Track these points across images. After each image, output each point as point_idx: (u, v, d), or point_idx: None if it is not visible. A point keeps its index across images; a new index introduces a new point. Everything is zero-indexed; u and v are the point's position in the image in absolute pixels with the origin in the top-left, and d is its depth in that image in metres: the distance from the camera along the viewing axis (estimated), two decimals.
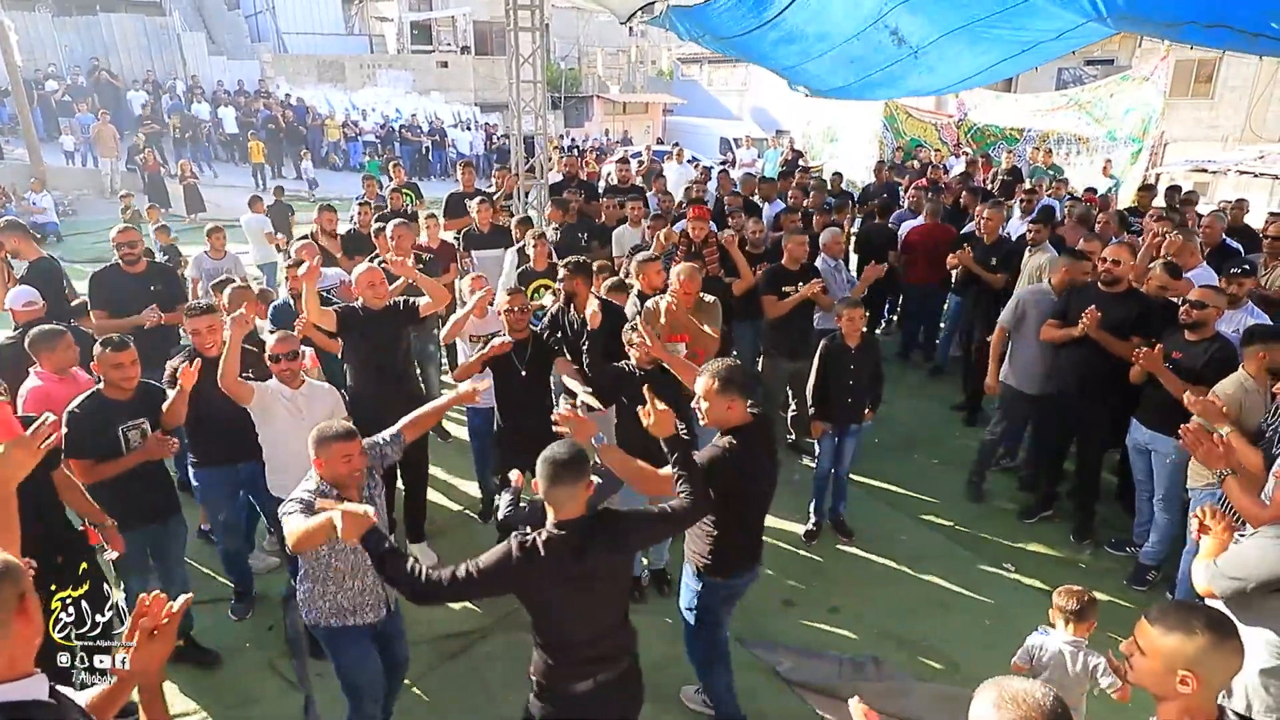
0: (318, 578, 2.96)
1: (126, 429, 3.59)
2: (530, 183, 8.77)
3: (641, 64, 34.23)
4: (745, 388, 2.95)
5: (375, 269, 4.69)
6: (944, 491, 5.63)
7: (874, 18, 5.92)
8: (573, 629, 2.50)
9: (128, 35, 22.31)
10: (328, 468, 2.77)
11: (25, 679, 1.54)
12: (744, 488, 3.00)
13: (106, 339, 3.59)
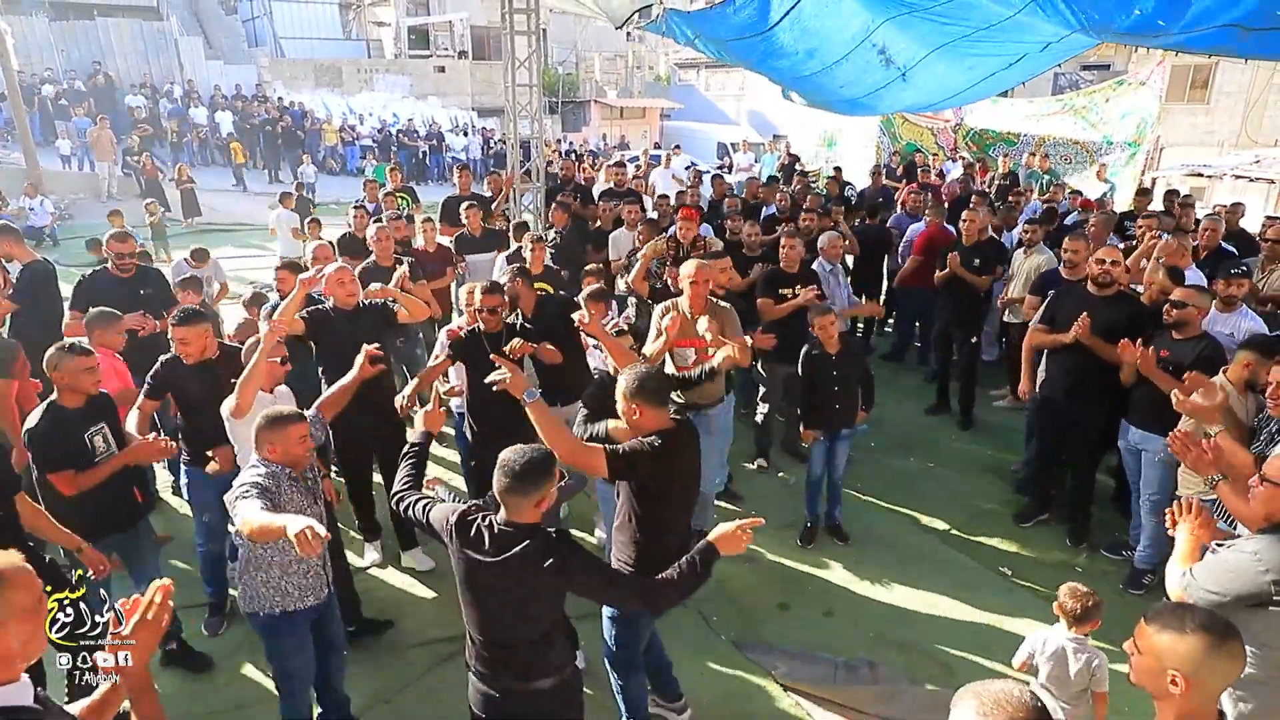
0: (263, 564, 2.99)
1: (91, 434, 3.54)
2: (526, 186, 8.77)
3: (639, 69, 34.32)
4: (658, 396, 2.91)
5: (345, 268, 4.68)
6: (939, 495, 5.62)
7: (862, 36, 5.95)
8: (473, 620, 2.51)
9: (125, 40, 22.30)
10: (283, 450, 2.88)
11: (8, 685, 1.57)
12: (663, 481, 2.94)
13: (71, 345, 3.54)
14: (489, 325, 4.36)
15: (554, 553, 2.37)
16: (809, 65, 6.86)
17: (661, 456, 2.84)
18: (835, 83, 7.17)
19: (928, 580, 4.66)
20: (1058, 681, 2.99)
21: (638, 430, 2.93)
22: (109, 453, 3.58)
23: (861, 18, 5.70)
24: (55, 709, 1.70)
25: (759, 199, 9.10)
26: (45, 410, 3.51)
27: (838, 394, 4.76)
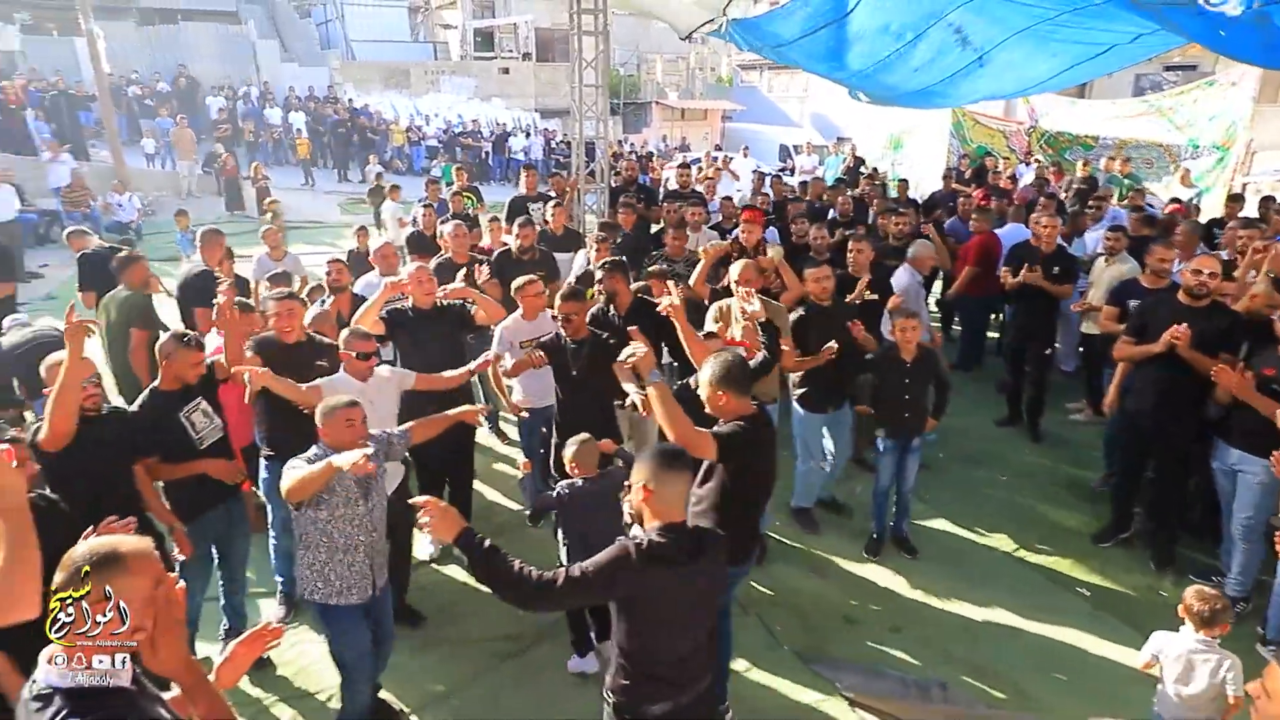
0: (311, 544, 3.08)
1: (188, 412, 3.66)
2: (590, 187, 8.79)
3: (701, 70, 34.17)
4: (741, 384, 3.04)
5: (424, 267, 4.77)
6: (1011, 510, 5.42)
7: (937, 15, 5.74)
8: (667, 642, 2.40)
9: (206, 43, 23.22)
10: (331, 433, 3.01)
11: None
12: (756, 465, 3.10)
13: (186, 338, 3.68)
14: (569, 332, 4.34)
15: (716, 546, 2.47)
16: (883, 43, 6.63)
17: (753, 440, 2.99)
18: (909, 65, 6.92)
19: (1000, 599, 4.48)
20: (1184, 685, 2.87)
21: (723, 416, 3.06)
22: (211, 425, 3.71)
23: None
24: (150, 693, 1.75)
25: (825, 201, 8.95)
26: (146, 395, 3.67)
27: (908, 402, 4.62)
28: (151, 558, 1.68)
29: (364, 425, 3.08)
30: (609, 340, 4.55)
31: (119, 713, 1.56)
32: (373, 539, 3.16)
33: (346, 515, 3.05)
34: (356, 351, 3.82)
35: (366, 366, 3.83)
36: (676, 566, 2.30)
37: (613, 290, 4.72)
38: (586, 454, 3.69)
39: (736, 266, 4.61)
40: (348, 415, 3.01)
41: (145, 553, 1.67)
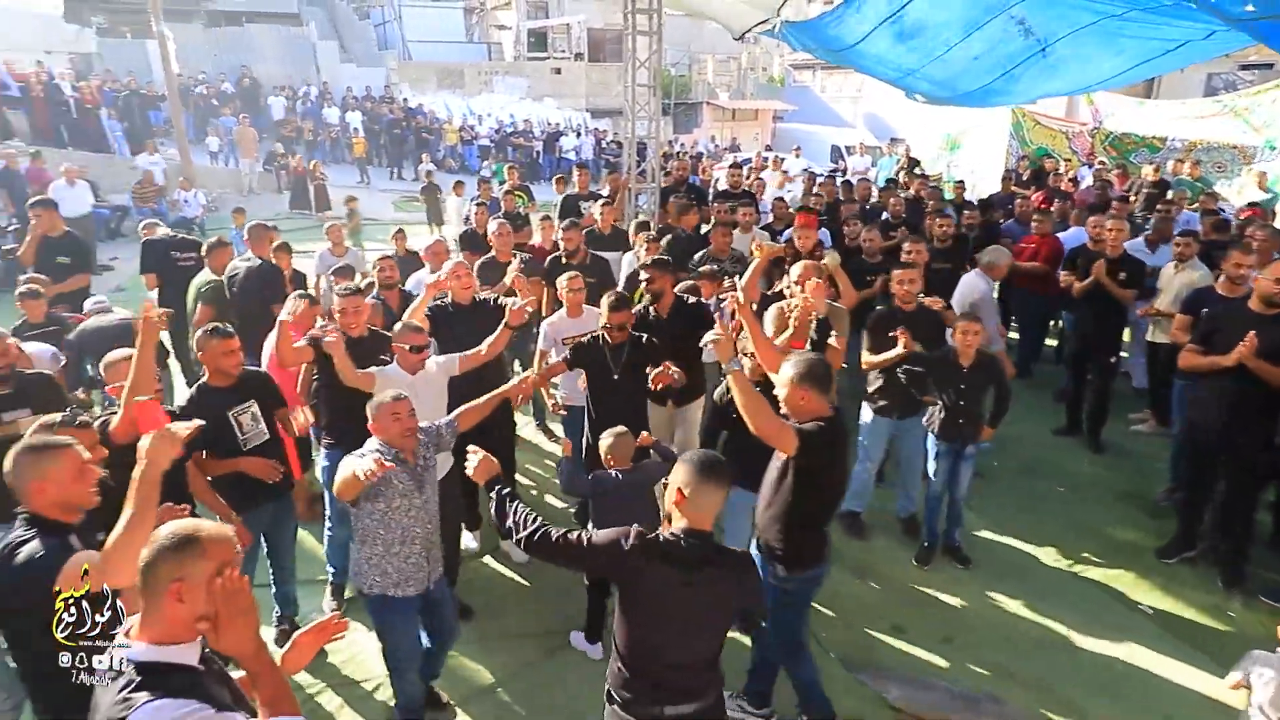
0: (368, 538, 3.13)
1: (236, 413, 3.73)
2: (642, 187, 8.79)
3: (752, 70, 33.94)
4: (822, 383, 3.03)
5: (463, 263, 4.85)
6: (1070, 522, 5.25)
7: (1000, 9, 5.59)
8: (662, 645, 2.38)
9: (269, 44, 23.89)
10: (381, 428, 3.07)
11: (177, 645, 1.68)
12: (832, 467, 3.11)
13: (213, 328, 3.73)
14: (613, 340, 4.36)
15: (736, 566, 2.43)
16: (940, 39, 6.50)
17: (832, 441, 2.99)
18: (968, 54, 6.75)
19: (1057, 613, 4.35)
20: (1276, 706, 2.74)
21: (802, 416, 3.04)
22: (256, 429, 3.78)
23: None
24: (217, 672, 1.81)
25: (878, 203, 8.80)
26: (195, 392, 3.76)
27: (963, 408, 4.51)
28: (227, 544, 1.73)
29: (411, 418, 3.11)
30: (648, 341, 4.56)
31: (182, 691, 1.60)
32: (428, 530, 3.20)
33: (403, 507, 3.10)
34: (409, 345, 3.88)
35: (418, 359, 3.90)
36: (678, 567, 2.30)
37: (659, 290, 4.70)
38: (622, 446, 3.77)
39: (797, 268, 4.54)
40: (394, 409, 3.06)
41: (221, 538, 1.72)
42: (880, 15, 6.14)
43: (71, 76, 17.89)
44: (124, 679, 1.61)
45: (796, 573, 3.18)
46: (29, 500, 2.33)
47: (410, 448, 3.14)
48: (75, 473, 2.33)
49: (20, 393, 3.72)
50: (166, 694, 1.58)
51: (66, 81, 16.82)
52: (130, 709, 1.55)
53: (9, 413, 3.65)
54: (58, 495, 2.32)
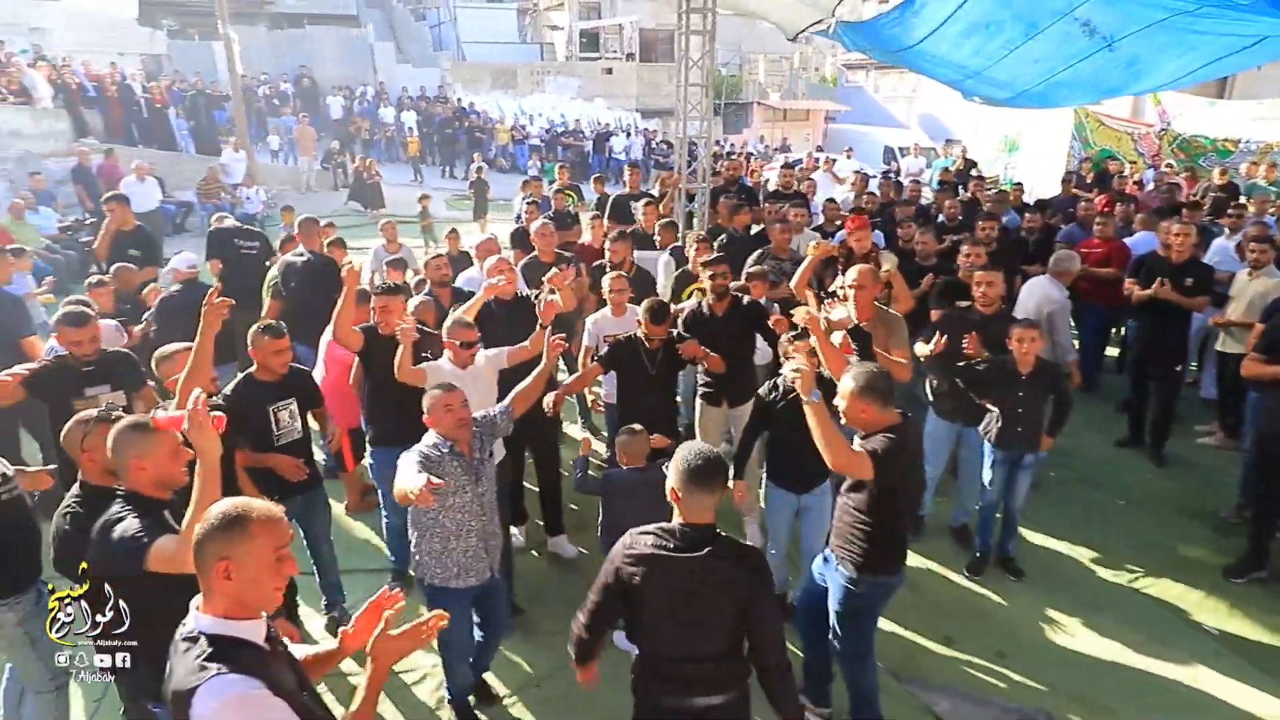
0: (426, 531, 3.18)
1: (276, 409, 3.81)
2: (692, 186, 8.76)
3: (804, 70, 33.61)
4: (884, 395, 2.98)
5: (504, 259, 4.93)
6: (1130, 537, 5.07)
7: (1064, 11, 5.43)
8: (671, 637, 2.40)
9: (328, 46, 24.48)
10: (435, 420, 3.11)
11: (244, 621, 1.73)
12: (907, 475, 3.06)
13: (266, 326, 3.82)
14: (652, 346, 4.37)
15: (747, 555, 2.40)
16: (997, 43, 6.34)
17: (902, 450, 2.94)
18: (1029, 56, 6.57)
19: (1115, 630, 4.20)
20: None
21: (865, 428, 3.02)
22: (292, 426, 3.87)
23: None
24: (283, 652, 1.86)
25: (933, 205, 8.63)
26: (239, 382, 3.85)
27: (1021, 416, 4.39)
28: (277, 525, 1.76)
29: (464, 408, 3.14)
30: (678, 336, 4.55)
31: (251, 668, 1.66)
32: (484, 522, 3.23)
33: (457, 503, 3.13)
34: (459, 340, 3.94)
35: (468, 354, 3.96)
36: (676, 553, 2.32)
37: (724, 289, 4.68)
38: (635, 444, 3.80)
39: (852, 273, 4.47)
40: (446, 401, 3.10)
41: (269, 518, 1.75)
42: (938, 18, 6.01)
43: (142, 77, 18.58)
44: (198, 648, 1.67)
45: (867, 576, 3.12)
46: (128, 477, 2.44)
47: (465, 439, 3.17)
48: (171, 452, 2.45)
49: (102, 369, 3.90)
50: (238, 669, 1.63)
51: (138, 82, 17.46)
52: (204, 677, 1.61)
53: (92, 388, 3.85)
54: (155, 473, 2.44)
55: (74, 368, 3.87)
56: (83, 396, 3.78)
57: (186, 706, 1.61)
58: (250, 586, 1.72)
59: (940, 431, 4.82)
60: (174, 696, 1.66)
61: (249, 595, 1.73)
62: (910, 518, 3.36)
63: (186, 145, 17.06)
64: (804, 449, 3.69)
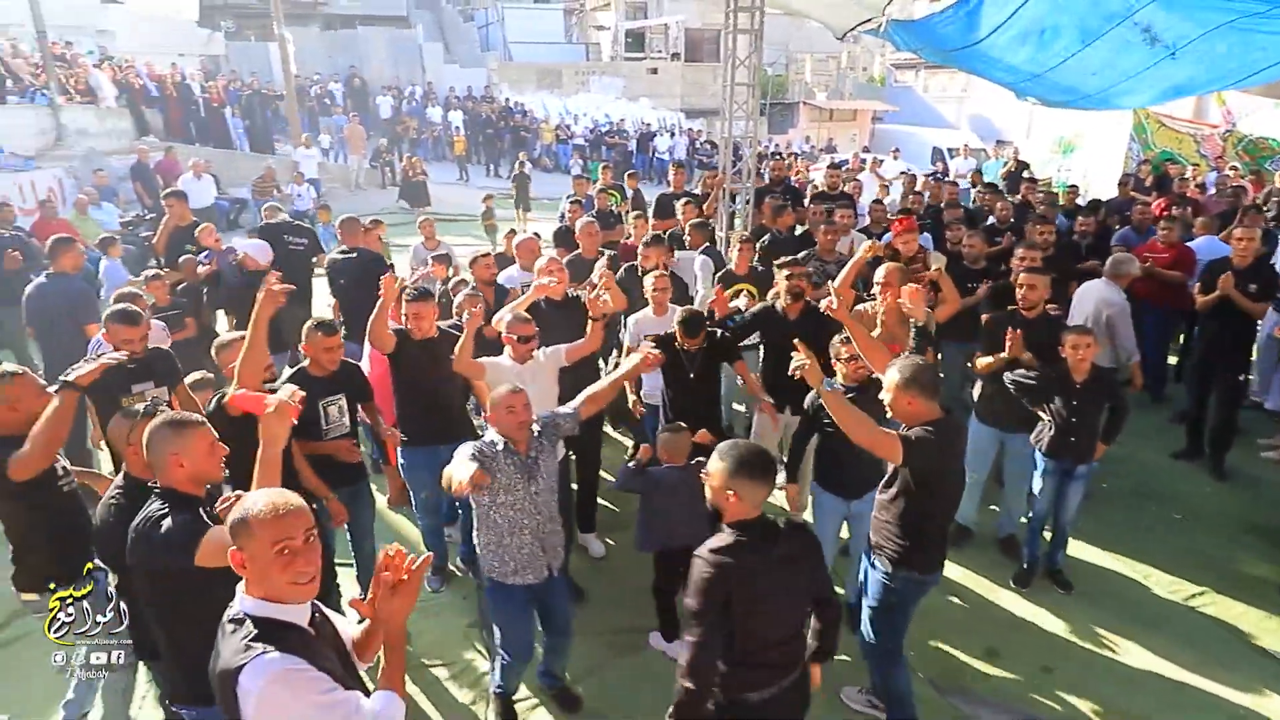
0: (484, 525, 3.22)
1: (326, 403, 3.86)
2: (737, 187, 8.71)
3: (851, 69, 33.17)
4: (930, 388, 2.98)
5: (554, 258, 4.95)
6: (1186, 553, 4.89)
7: (1122, 15, 5.26)
8: (764, 628, 2.42)
9: (379, 47, 24.94)
10: (495, 419, 3.15)
11: (290, 604, 1.78)
12: (943, 471, 3.04)
13: (319, 322, 3.88)
14: (690, 347, 4.37)
15: (801, 528, 2.58)
16: (1054, 49, 6.18)
17: (940, 445, 2.92)
18: (1085, 69, 6.41)
19: (1169, 649, 4.05)
20: None
21: (909, 420, 3.01)
22: (340, 421, 3.92)
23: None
24: (329, 636, 1.91)
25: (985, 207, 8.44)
26: (293, 374, 3.93)
27: (1075, 425, 4.26)
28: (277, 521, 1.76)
29: (526, 410, 3.15)
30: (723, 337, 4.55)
31: (296, 649, 1.70)
32: (538, 521, 3.21)
33: (508, 501, 3.13)
34: (518, 335, 3.98)
35: (526, 349, 4.00)
36: (760, 552, 2.37)
37: (799, 290, 4.65)
38: (677, 443, 3.81)
39: (880, 271, 4.45)
40: (509, 403, 3.11)
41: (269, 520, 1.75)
42: (994, 21, 5.88)
43: (201, 77, 19.12)
44: (244, 629, 1.72)
45: (901, 571, 3.12)
46: (164, 474, 2.45)
47: (522, 439, 3.18)
48: (207, 449, 2.47)
49: (145, 366, 3.99)
50: (283, 649, 1.68)
51: (196, 82, 17.98)
52: (249, 656, 1.66)
53: (137, 385, 3.94)
54: (191, 470, 2.45)
55: (120, 365, 3.90)
56: (129, 393, 3.87)
57: (233, 685, 1.65)
58: (262, 577, 1.76)
59: (982, 437, 4.72)
60: (220, 675, 1.70)
61: (265, 585, 1.76)
62: (948, 518, 3.28)
63: (241, 143, 17.52)
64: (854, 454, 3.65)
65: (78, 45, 17.05)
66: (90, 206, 10.45)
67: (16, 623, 4.21)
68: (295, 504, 1.80)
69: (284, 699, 1.64)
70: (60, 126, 13.75)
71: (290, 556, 1.75)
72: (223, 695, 1.70)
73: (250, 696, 1.63)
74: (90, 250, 8.52)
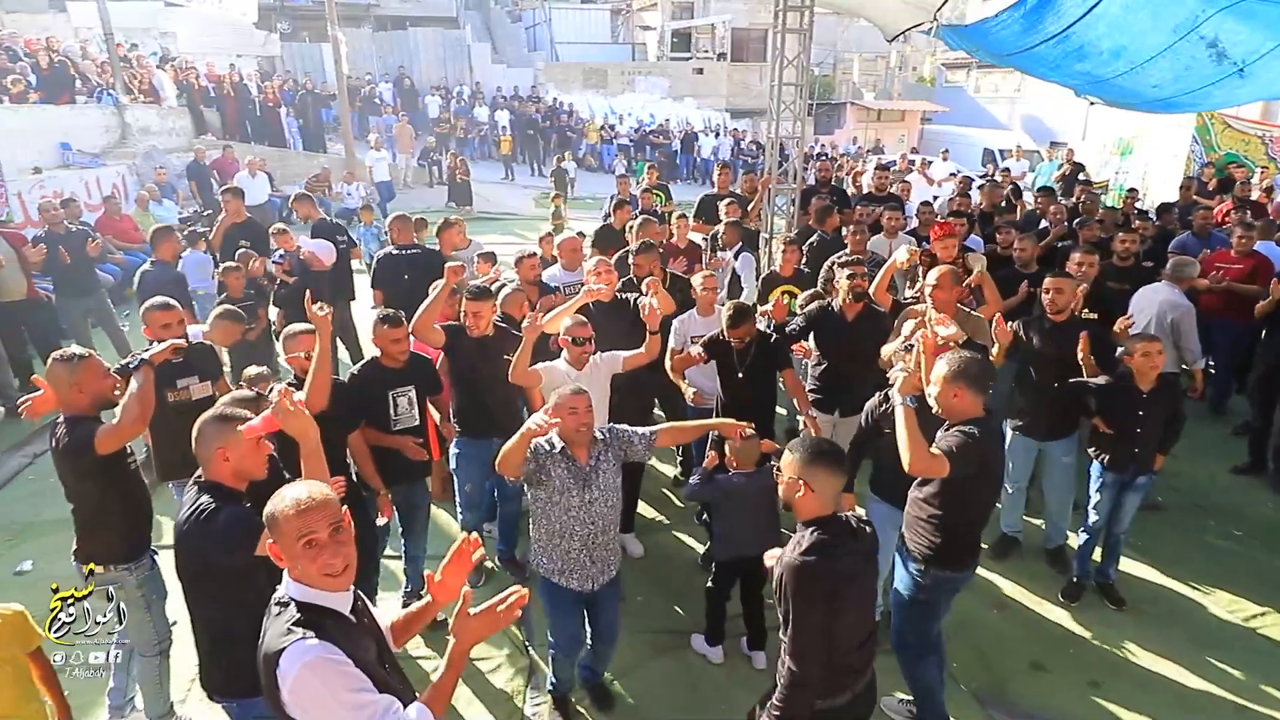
0: (537, 521, 3.23)
1: (396, 394, 3.94)
2: (782, 188, 8.64)
3: (901, 69, 32.66)
4: (977, 383, 2.94)
5: (604, 260, 4.93)
6: (1246, 571, 4.71)
7: (1187, 27, 5.07)
8: (854, 628, 2.43)
9: (428, 47, 25.31)
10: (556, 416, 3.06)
11: (331, 592, 1.83)
12: (981, 473, 2.98)
13: (385, 316, 3.93)
14: (737, 347, 4.34)
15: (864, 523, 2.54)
16: (1113, 66, 6.04)
17: (980, 446, 2.90)
18: (1146, 82, 6.26)
19: (1226, 670, 3.92)
20: None
21: (953, 415, 2.98)
22: (409, 413, 3.99)
23: (1187, 7, 4.87)
24: (368, 625, 1.94)
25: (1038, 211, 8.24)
26: (365, 364, 4.02)
27: (1139, 435, 4.11)
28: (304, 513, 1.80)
29: (588, 413, 3.11)
30: (776, 341, 4.49)
31: (334, 635, 1.75)
32: (590, 531, 3.17)
33: (561, 504, 3.12)
34: (573, 337, 3.99)
35: (582, 352, 4.00)
36: (850, 551, 2.38)
37: (862, 290, 4.60)
38: (748, 450, 3.73)
39: (934, 274, 4.36)
40: (571, 404, 3.08)
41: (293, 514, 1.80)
42: (1049, 31, 5.72)
43: (257, 78, 19.62)
44: (289, 613, 1.77)
45: (934, 569, 3.11)
46: (211, 467, 2.49)
47: (581, 444, 3.13)
48: (253, 445, 2.50)
49: (189, 362, 4.08)
50: (322, 635, 1.72)
51: (253, 82, 18.46)
52: (290, 640, 1.71)
53: (182, 379, 4.04)
54: (238, 464, 2.48)
55: (166, 360, 4.06)
56: (175, 387, 3.97)
57: (274, 667, 1.70)
58: (295, 568, 1.81)
59: (1020, 447, 4.61)
60: (264, 657, 1.76)
61: (300, 575, 1.81)
62: (983, 518, 3.22)
63: (295, 142, 17.93)
64: None
65: (142, 47, 17.62)
66: (151, 203, 10.80)
67: None
68: (320, 498, 1.82)
69: (315, 687, 1.68)
70: (124, 125, 14.23)
71: (316, 549, 1.78)
72: (266, 677, 1.75)
73: (287, 679, 1.68)
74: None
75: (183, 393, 3.99)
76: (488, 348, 4.21)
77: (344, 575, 1.83)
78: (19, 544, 4.92)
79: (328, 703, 1.68)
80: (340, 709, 1.68)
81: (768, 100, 8.62)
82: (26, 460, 6.01)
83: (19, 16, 17.53)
